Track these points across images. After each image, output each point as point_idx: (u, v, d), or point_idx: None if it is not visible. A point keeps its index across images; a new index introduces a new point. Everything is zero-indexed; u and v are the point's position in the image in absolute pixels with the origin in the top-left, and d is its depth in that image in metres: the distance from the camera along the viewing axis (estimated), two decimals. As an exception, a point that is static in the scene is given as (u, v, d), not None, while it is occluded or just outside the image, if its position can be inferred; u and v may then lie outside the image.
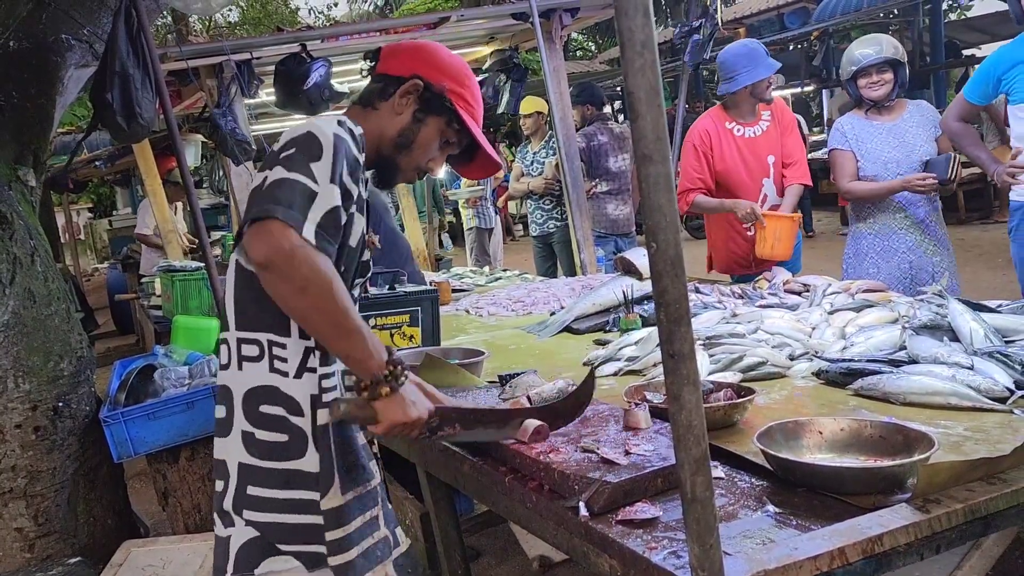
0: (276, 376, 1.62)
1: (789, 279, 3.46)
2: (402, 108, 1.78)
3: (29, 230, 3.23)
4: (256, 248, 1.46)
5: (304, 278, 1.45)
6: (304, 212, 1.48)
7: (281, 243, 1.44)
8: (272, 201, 1.47)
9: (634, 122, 1.06)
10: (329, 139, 1.57)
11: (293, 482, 1.61)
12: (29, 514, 3.11)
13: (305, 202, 1.49)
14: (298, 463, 1.61)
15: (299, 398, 1.61)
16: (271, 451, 1.61)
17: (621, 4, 1.02)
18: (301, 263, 1.44)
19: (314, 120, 1.63)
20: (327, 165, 1.54)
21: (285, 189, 1.49)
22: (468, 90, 1.83)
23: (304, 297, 1.47)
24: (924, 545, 1.39)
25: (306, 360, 1.61)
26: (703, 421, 1.16)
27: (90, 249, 18.40)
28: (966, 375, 1.99)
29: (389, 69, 1.81)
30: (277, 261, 1.45)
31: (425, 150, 1.82)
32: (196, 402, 3.24)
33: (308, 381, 1.61)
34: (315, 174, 1.52)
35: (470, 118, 1.82)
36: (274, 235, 1.44)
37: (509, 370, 2.45)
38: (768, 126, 4.13)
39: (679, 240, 1.11)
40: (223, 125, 4.48)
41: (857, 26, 16.89)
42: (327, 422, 1.62)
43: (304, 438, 1.61)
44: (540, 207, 6.43)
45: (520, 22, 5.46)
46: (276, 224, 1.45)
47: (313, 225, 1.48)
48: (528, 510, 1.74)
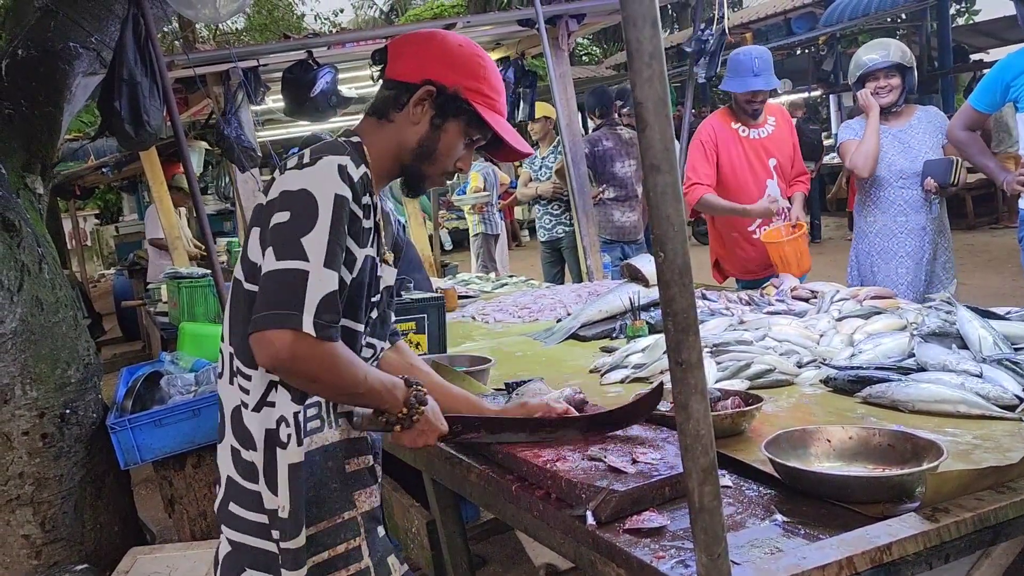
0: (240, 404, 1.60)
1: (797, 286, 3.45)
2: (418, 117, 1.68)
3: (37, 238, 3.24)
4: (261, 358, 1.47)
5: (311, 373, 1.47)
6: (300, 305, 1.43)
7: (280, 352, 1.43)
8: (267, 306, 1.44)
9: (642, 132, 1.06)
10: (328, 200, 1.49)
11: (256, 504, 1.58)
12: (36, 521, 3.11)
13: (299, 293, 1.44)
14: (258, 487, 1.57)
15: (253, 431, 1.57)
16: (248, 471, 1.59)
17: (630, 15, 1.02)
18: (304, 363, 1.44)
19: (316, 169, 1.52)
20: (322, 238, 1.46)
21: (277, 285, 1.45)
22: (485, 82, 1.71)
23: (315, 385, 1.52)
24: (933, 554, 1.38)
25: (267, 394, 1.57)
26: (711, 430, 1.15)
27: (96, 255, 18.48)
28: (975, 383, 1.98)
29: (399, 74, 1.70)
30: (282, 368, 1.47)
31: (449, 154, 1.72)
32: (202, 409, 3.25)
33: (266, 415, 1.56)
34: (307, 253, 1.45)
35: (490, 111, 1.71)
36: (274, 344, 1.43)
37: (515, 377, 2.45)
38: (773, 130, 4.18)
39: (687, 249, 1.10)
40: (229, 132, 4.50)
41: (865, 31, 16.86)
42: (299, 461, 1.56)
43: (255, 473, 1.57)
44: (549, 212, 6.43)
45: (526, 28, 5.47)
46: (274, 334, 1.43)
47: (311, 316, 1.43)
48: (535, 518, 1.74)
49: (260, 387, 1.57)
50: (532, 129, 6.57)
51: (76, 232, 15.33)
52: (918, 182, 3.67)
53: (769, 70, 4.05)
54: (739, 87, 4.02)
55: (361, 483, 1.70)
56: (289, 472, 1.54)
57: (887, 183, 3.71)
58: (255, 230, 1.58)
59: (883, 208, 3.75)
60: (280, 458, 1.55)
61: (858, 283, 3.86)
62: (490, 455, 1.94)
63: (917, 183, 3.68)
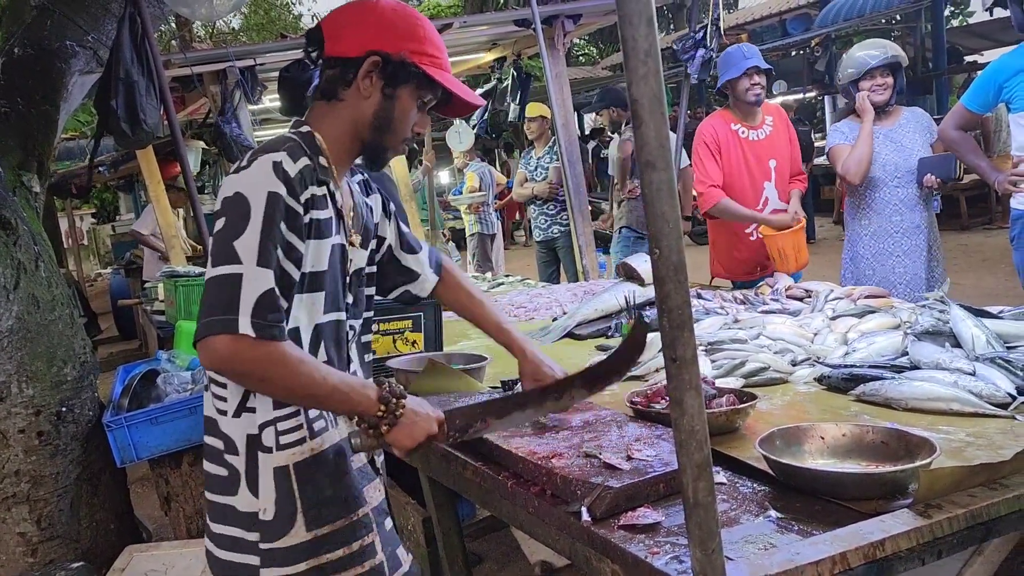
0: (215, 412, 1.61)
1: (791, 285, 3.46)
2: (369, 91, 1.65)
3: (33, 236, 3.24)
4: (205, 364, 1.48)
5: (257, 373, 1.46)
6: (235, 308, 1.43)
7: (221, 356, 1.44)
8: (206, 313, 1.45)
9: (637, 129, 1.07)
10: (260, 200, 1.49)
11: (229, 519, 1.59)
12: (32, 519, 3.12)
13: (233, 295, 1.44)
14: (232, 500, 1.59)
15: (234, 436, 1.58)
16: (215, 483, 1.61)
17: (625, 13, 1.03)
18: (247, 364, 1.45)
19: (250, 171, 1.52)
20: (253, 239, 1.46)
21: (214, 291, 1.46)
22: (427, 42, 1.68)
23: (268, 385, 1.50)
24: (926, 550, 1.39)
25: (245, 400, 1.58)
26: (705, 426, 1.16)
27: (93, 254, 18.46)
28: (968, 381, 1.99)
29: (340, 50, 1.66)
30: (226, 371, 1.48)
31: (406, 121, 1.70)
32: (199, 407, 3.23)
33: (247, 420, 1.58)
34: (240, 256, 1.46)
35: (438, 71, 1.68)
36: (216, 350, 1.43)
37: (511, 375, 2.46)
38: (771, 131, 4.18)
39: (682, 246, 1.11)
40: (228, 131, 4.50)
41: (859, 32, 16.89)
42: (285, 464, 1.58)
43: (237, 477, 1.58)
44: (544, 212, 6.44)
45: (522, 29, 5.49)
46: (213, 340, 1.43)
47: (247, 317, 1.43)
48: (530, 515, 1.75)
49: (237, 394, 1.58)
50: (528, 128, 6.58)
51: (72, 231, 15.29)
52: (913, 180, 3.69)
53: (759, 56, 4.07)
54: (736, 71, 4.02)
55: (367, 478, 1.71)
56: (275, 475, 1.56)
57: (882, 183, 3.72)
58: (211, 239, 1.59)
59: (878, 209, 3.76)
60: (264, 462, 1.57)
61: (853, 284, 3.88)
62: (486, 452, 1.95)
63: (912, 181, 3.69)
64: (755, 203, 4.12)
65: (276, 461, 1.57)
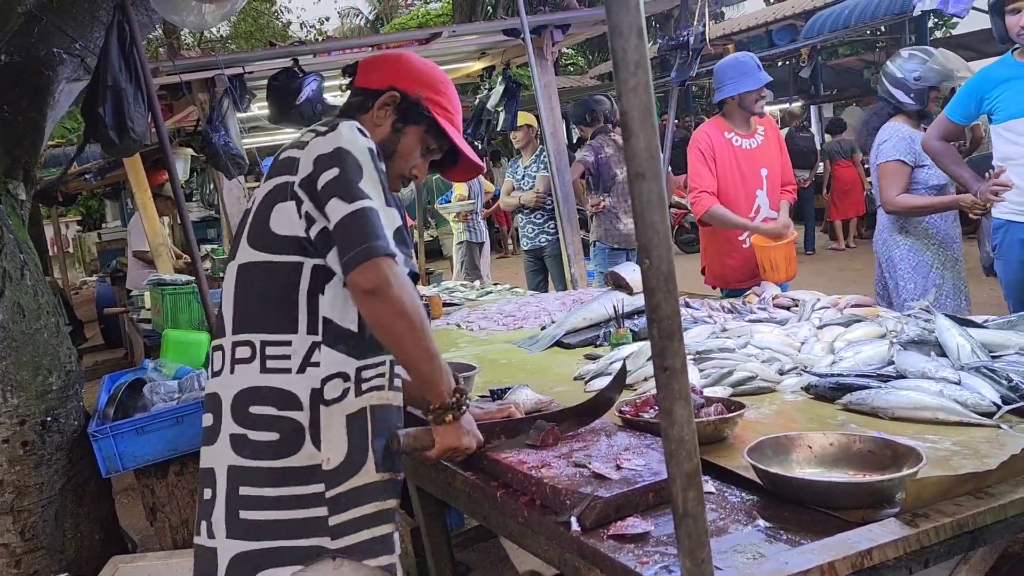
0: (269, 375, 1.64)
1: (778, 294, 3.48)
2: (381, 120, 1.82)
3: (19, 244, 3.22)
4: (368, 281, 1.53)
5: (403, 303, 1.54)
6: (384, 234, 1.55)
7: (387, 273, 1.52)
8: (355, 243, 1.53)
9: (627, 140, 1.07)
10: (364, 152, 1.62)
11: (286, 478, 1.61)
12: (16, 529, 3.09)
13: (376, 225, 1.55)
14: (290, 460, 1.61)
15: (298, 392, 1.62)
16: (262, 450, 1.63)
17: (616, 25, 1.03)
18: (401, 288, 1.54)
19: (340, 131, 1.64)
20: (375, 183, 1.60)
21: (356, 224, 1.55)
22: (444, 96, 1.87)
23: (401, 320, 1.56)
24: (912, 559, 1.40)
25: (310, 355, 1.63)
26: (695, 436, 1.17)
27: (79, 262, 18.33)
28: (953, 390, 2.01)
29: (367, 83, 1.86)
30: (384, 288, 1.53)
31: (407, 159, 1.86)
32: (185, 416, 3.23)
33: (311, 375, 1.63)
34: (370, 195, 1.58)
35: (448, 124, 1.86)
36: (380, 268, 1.52)
37: (500, 384, 2.46)
38: (763, 140, 4.23)
39: (672, 256, 1.12)
40: (216, 139, 4.48)
41: (845, 43, 17.04)
42: (361, 408, 1.65)
43: (300, 432, 1.62)
44: (531, 221, 6.45)
45: (511, 38, 5.50)
46: (380, 260, 1.52)
47: (393, 245, 1.55)
48: (519, 525, 1.75)
49: (302, 350, 1.63)
50: (515, 137, 6.59)
51: (58, 238, 15.19)
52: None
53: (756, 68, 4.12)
54: (754, 83, 4.04)
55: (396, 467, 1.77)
56: (347, 422, 1.63)
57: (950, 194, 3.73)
58: (283, 205, 1.64)
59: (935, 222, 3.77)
60: (327, 414, 1.62)
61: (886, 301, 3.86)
62: (475, 461, 1.95)
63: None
64: (748, 210, 4.14)
65: (349, 408, 1.64)
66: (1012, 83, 3.37)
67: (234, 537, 1.62)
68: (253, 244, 1.67)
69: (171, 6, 3.35)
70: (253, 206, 1.72)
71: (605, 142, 6.07)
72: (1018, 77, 3.37)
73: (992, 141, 3.58)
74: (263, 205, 1.68)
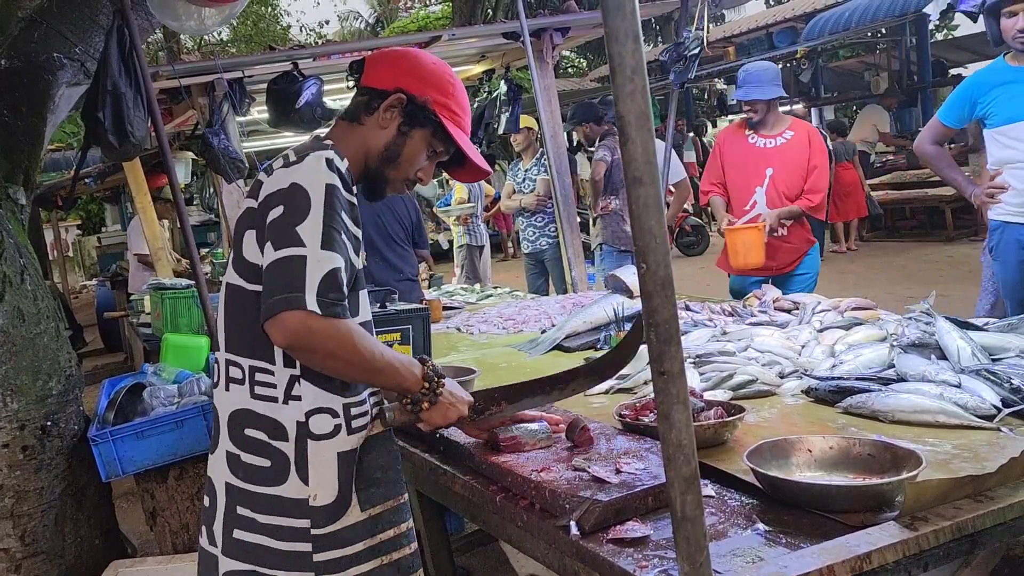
0: (260, 403, 1.63)
1: (779, 297, 3.48)
2: (387, 122, 1.77)
3: (18, 248, 3.22)
4: (278, 340, 1.52)
5: (326, 348, 1.52)
6: (301, 287, 1.49)
7: (295, 331, 1.48)
8: (273, 293, 1.50)
9: (624, 145, 1.07)
10: (320, 190, 1.56)
11: (277, 508, 1.61)
12: (16, 534, 3.08)
13: (299, 275, 1.49)
14: (279, 489, 1.61)
15: (284, 423, 1.61)
16: (254, 474, 1.63)
17: (612, 30, 1.03)
18: (319, 339, 1.50)
19: (303, 165, 1.59)
20: (316, 224, 1.53)
21: (279, 272, 1.51)
22: (453, 99, 1.81)
23: (335, 361, 1.55)
24: (912, 563, 1.40)
25: (291, 388, 1.61)
26: (693, 440, 1.17)
27: (79, 266, 18.35)
28: (953, 393, 2.00)
29: (373, 82, 1.80)
30: (298, 346, 1.52)
31: (412, 162, 1.81)
32: (185, 421, 3.23)
33: (294, 408, 1.61)
34: (303, 239, 1.51)
35: (455, 127, 1.80)
36: (289, 325, 1.48)
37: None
38: (785, 142, 4.27)
39: (669, 261, 1.12)
40: (215, 143, 4.49)
41: (845, 44, 17.03)
42: (352, 448, 1.64)
43: (286, 464, 1.60)
44: (532, 224, 6.44)
45: (511, 41, 5.50)
46: (285, 316, 1.48)
47: (313, 295, 1.48)
48: (519, 529, 1.74)
49: (283, 382, 1.62)
50: (515, 140, 6.59)
51: (58, 242, 15.20)
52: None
53: (760, 82, 4.24)
54: (742, 95, 4.33)
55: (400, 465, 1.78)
56: (339, 460, 1.62)
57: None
58: (250, 232, 1.63)
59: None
60: (325, 448, 1.61)
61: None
62: (474, 465, 1.95)
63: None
64: (742, 204, 4.28)
65: (342, 446, 1.63)
66: (1005, 87, 3.37)
67: (228, 556, 1.64)
68: (235, 266, 1.66)
69: (170, 12, 3.36)
70: (235, 225, 1.71)
71: (615, 144, 6.04)
72: (1011, 82, 3.37)
73: (986, 145, 3.56)
74: (238, 227, 1.67)
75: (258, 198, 1.62)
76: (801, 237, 4.31)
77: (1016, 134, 3.35)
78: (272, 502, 1.61)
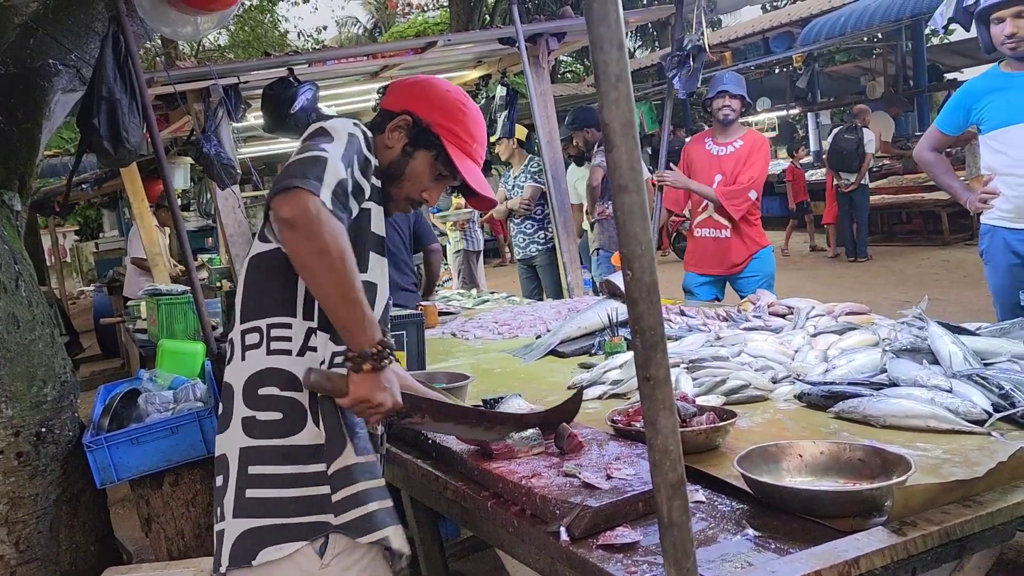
0: (274, 357, 1.69)
1: (773, 301, 3.48)
2: (392, 142, 1.84)
3: (14, 255, 3.22)
4: (285, 209, 1.53)
5: (323, 240, 1.53)
6: (320, 178, 1.56)
7: (308, 205, 1.52)
8: (293, 175, 1.55)
9: (609, 153, 1.08)
10: (342, 132, 1.68)
11: (292, 457, 1.66)
12: (11, 541, 3.08)
13: (320, 169, 1.57)
14: (295, 439, 1.66)
15: (299, 374, 1.66)
16: (269, 429, 1.68)
17: (596, 39, 1.04)
18: (323, 224, 1.53)
19: (332, 120, 1.74)
20: (339, 146, 1.65)
21: (302, 163, 1.58)
22: (460, 125, 1.86)
23: (321, 258, 1.53)
24: (900, 568, 1.40)
25: (308, 340, 1.69)
26: (679, 446, 1.17)
27: (76, 272, 18.34)
28: (945, 398, 2.01)
29: (387, 104, 1.89)
30: (303, 220, 1.52)
31: (416, 183, 1.86)
32: (180, 427, 3.23)
33: (309, 359, 1.68)
34: (325, 148, 1.62)
35: (460, 153, 1.85)
36: (301, 198, 1.52)
37: (494, 394, 2.46)
38: (734, 151, 4.58)
39: (654, 267, 1.13)
40: (209, 149, 4.49)
41: (842, 49, 17.08)
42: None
43: (302, 412, 1.67)
44: (522, 231, 6.45)
45: (507, 47, 5.51)
46: (301, 191, 1.52)
47: (329, 190, 1.56)
48: (510, 535, 1.75)
49: (300, 335, 1.69)
50: (498, 149, 6.61)
51: (55, 248, 15.21)
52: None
53: (736, 82, 4.60)
54: (711, 91, 4.64)
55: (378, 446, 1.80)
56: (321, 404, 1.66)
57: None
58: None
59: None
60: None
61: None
62: (466, 472, 1.95)
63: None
64: (697, 207, 4.71)
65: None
66: (998, 94, 3.40)
67: (241, 516, 1.66)
68: (260, 237, 1.74)
69: (163, 19, 3.36)
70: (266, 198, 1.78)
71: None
72: (1004, 88, 3.39)
73: (980, 150, 3.59)
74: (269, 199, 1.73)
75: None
76: (749, 239, 4.57)
77: (1006, 139, 3.37)
78: (287, 452, 1.66)
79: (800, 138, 16.83)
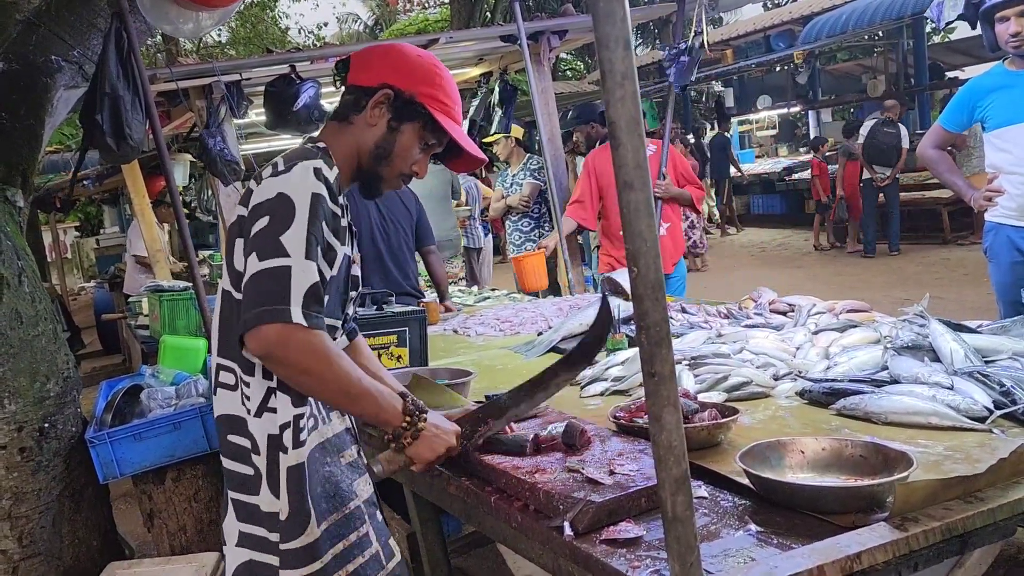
0: (244, 409, 1.64)
1: (775, 299, 3.49)
2: (375, 120, 1.75)
3: (16, 250, 3.23)
4: (256, 351, 1.51)
5: (303, 363, 1.50)
6: (286, 298, 1.49)
7: (274, 343, 1.48)
8: (257, 303, 1.49)
9: (615, 150, 1.09)
10: (305, 200, 1.56)
11: (254, 517, 1.62)
12: (13, 536, 3.09)
13: (284, 286, 1.49)
14: (255, 499, 1.62)
15: (257, 436, 1.61)
16: (235, 481, 1.64)
17: (602, 37, 1.05)
18: (297, 352, 1.49)
19: (291, 175, 1.59)
20: (300, 234, 1.53)
21: (264, 283, 1.51)
22: (440, 89, 1.78)
23: (309, 378, 1.53)
24: (902, 563, 1.41)
25: (267, 400, 1.61)
26: (683, 441, 1.18)
27: (77, 268, 18.34)
28: (946, 395, 2.01)
29: (359, 80, 1.78)
30: (275, 358, 1.51)
31: (405, 157, 1.78)
32: (183, 423, 3.24)
33: (267, 421, 1.61)
34: (287, 249, 1.51)
35: (446, 118, 1.77)
36: (268, 337, 1.48)
37: (496, 390, 2.47)
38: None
39: (659, 264, 1.13)
40: (212, 146, 4.50)
41: (843, 47, 17.07)
42: (300, 462, 1.60)
43: (259, 476, 1.61)
44: (518, 229, 6.46)
45: (508, 44, 5.52)
46: (267, 328, 1.48)
47: (299, 307, 1.49)
48: (513, 530, 1.75)
49: (259, 393, 1.61)
50: (496, 148, 6.61)
51: (56, 244, 15.21)
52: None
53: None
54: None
55: (358, 471, 1.74)
56: (287, 474, 1.59)
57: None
58: (239, 241, 1.62)
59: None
60: (283, 462, 1.59)
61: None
62: (470, 467, 1.96)
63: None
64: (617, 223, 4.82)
65: (291, 460, 1.60)
66: (1002, 92, 3.41)
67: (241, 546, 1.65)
68: (228, 272, 1.66)
69: (164, 16, 3.36)
70: (228, 231, 1.73)
71: None
72: (1008, 86, 3.40)
73: (984, 149, 3.60)
74: (230, 234, 1.67)
75: (248, 207, 1.62)
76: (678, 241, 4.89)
77: (1009, 137, 3.38)
78: (251, 511, 1.62)
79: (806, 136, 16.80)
